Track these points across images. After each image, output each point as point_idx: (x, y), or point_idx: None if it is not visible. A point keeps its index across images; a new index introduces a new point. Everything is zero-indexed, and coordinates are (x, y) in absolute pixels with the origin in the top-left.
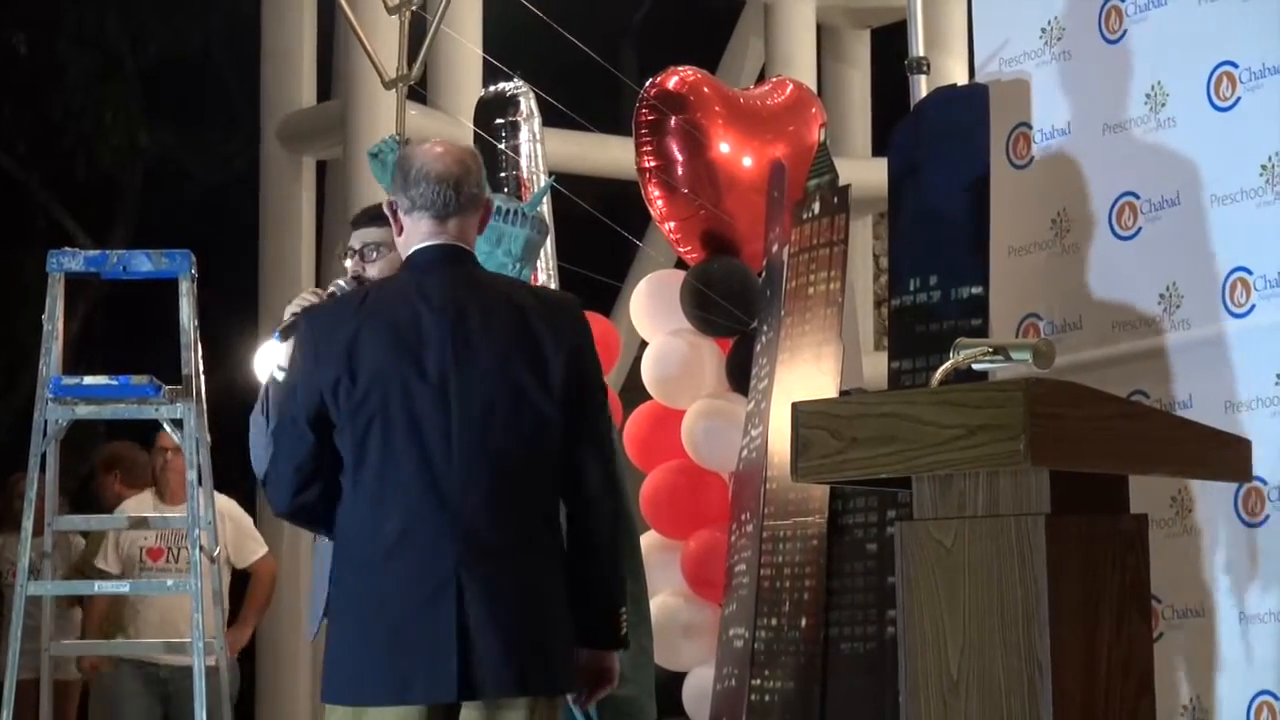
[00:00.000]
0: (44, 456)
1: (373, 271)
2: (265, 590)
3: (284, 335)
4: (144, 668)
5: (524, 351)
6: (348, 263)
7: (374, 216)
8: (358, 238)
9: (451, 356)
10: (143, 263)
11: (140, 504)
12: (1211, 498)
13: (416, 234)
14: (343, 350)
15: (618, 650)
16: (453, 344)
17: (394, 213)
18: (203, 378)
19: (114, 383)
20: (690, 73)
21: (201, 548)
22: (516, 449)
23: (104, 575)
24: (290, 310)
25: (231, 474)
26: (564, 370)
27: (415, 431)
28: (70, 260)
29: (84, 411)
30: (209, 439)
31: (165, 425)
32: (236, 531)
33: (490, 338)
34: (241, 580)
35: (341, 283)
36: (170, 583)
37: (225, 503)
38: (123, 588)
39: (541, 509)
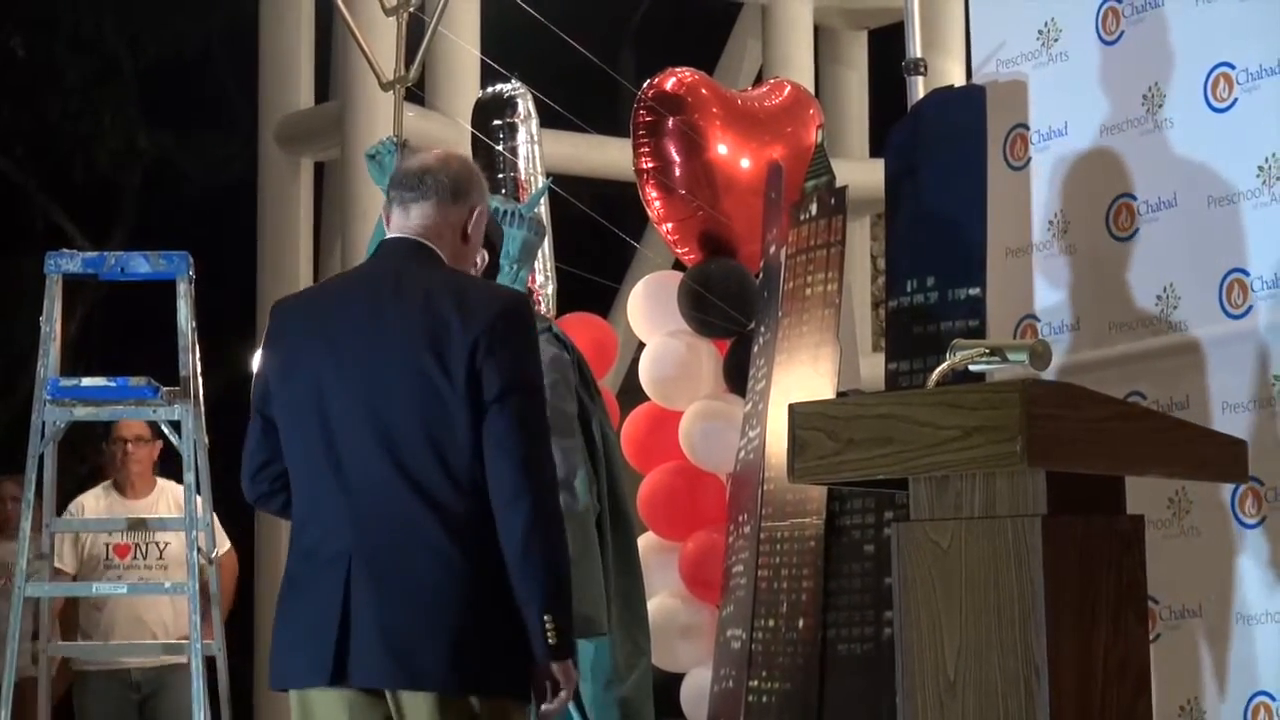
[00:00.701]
0: (42, 458)
1: None
2: (229, 584)
3: None
4: (115, 674)
5: (430, 340)
6: None
7: None
8: None
9: (364, 344)
10: (140, 264)
11: (98, 498)
12: (1209, 499)
13: (390, 227)
14: (283, 339)
15: (553, 661)
16: (367, 331)
17: (387, 214)
18: (200, 379)
19: (112, 384)
20: (688, 74)
21: (199, 549)
22: (415, 439)
23: (59, 575)
24: None
25: (230, 476)
26: (469, 362)
27: (324, 418)
28: (68, 262)
29: (82, 413)
30: (207, 441)
31: (164, 427)
32: None
33: (404, 325)
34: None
35: None
36: (167, 584)
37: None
38: (120, 589)
39: (441, 502)
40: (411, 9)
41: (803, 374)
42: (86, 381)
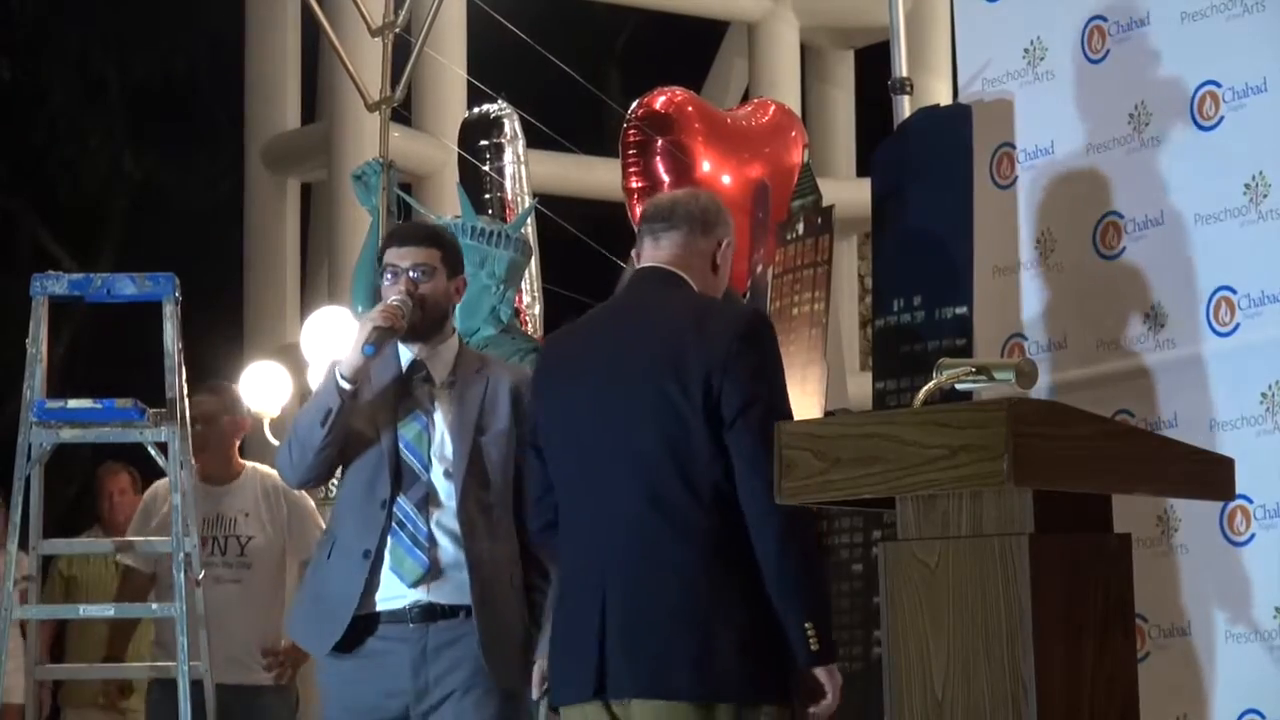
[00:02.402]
0: (28, 480)
1: (425, 289)
2: None
3: (376, 348)
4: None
5: (671, 363)
6: (397, 284)
7: (424, 237)
8: (408, 255)
9: (611, 372)
10: (126, 286)
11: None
12: (1196, 517)
13: (639, 260)
14: (546, 373)
15: (817, 666)
16: (614, 359)
17: (636, 255)
18: (187, 401)
19: (98, 406)
20: (678, 93)
21: (187, 571)
22: (662, 461)
23: (134, 574)
24: (373, 323)
25: None
26: (707, 381)
27: (579, 446)
28: (54, 284)
29: (68, 435)
30: (194, 463)
31: (150, 449)
32: (296, 516)
33: (646, 350)
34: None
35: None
36: (155, 606)
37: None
38: (107, 611)
39: (688, 522)
40: (397, 30)
41: (790, 394)
42: (73, 403)
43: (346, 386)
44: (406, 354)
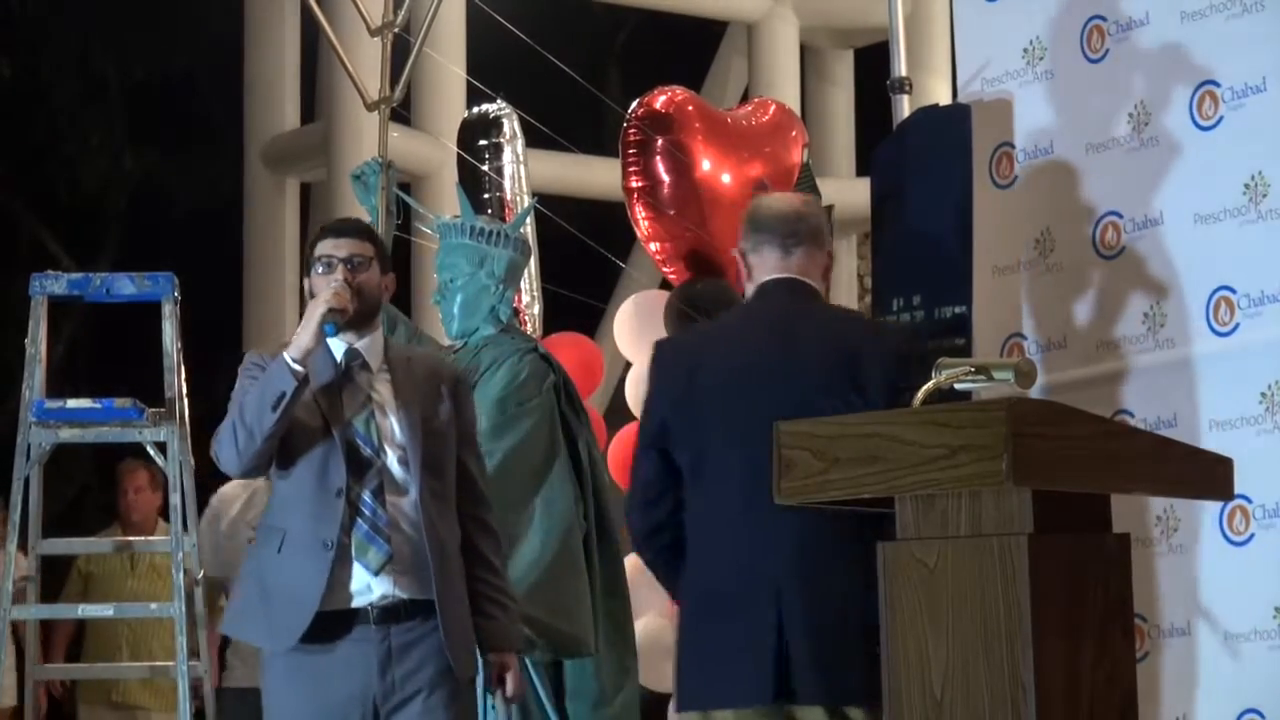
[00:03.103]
0: (27, 480)
1: (361, 279)
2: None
3: (335, 328)
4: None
5: (840, 369)
6: (332, 274)
7: (358, 230)
8: (344, 246)
9: (780, 376)
10: (125, 285)
11: (245, 485)
12: (1196, 517)
13: (764, 270)
14: (684, 374)
15: None
16: (782, 364)
17: (743, 257)
18: (186, 400)
19: (97, 406)
20: (678, 93)
21: (185, 571)
22: None
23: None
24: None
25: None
26: (883, 379)
27: (741, 448)
28: (53, 283)
29: (67, 435)
30: (193, 462)
31: (149, 448)
32: None
33: (820, 356)
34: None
35: (334, 290)
36: (153, 606)
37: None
38: (107, 611)
39: (848, 520)
40: (396, 29)
41: None
42: (72, 403)
43: (300, 369)
44: (339, 345)
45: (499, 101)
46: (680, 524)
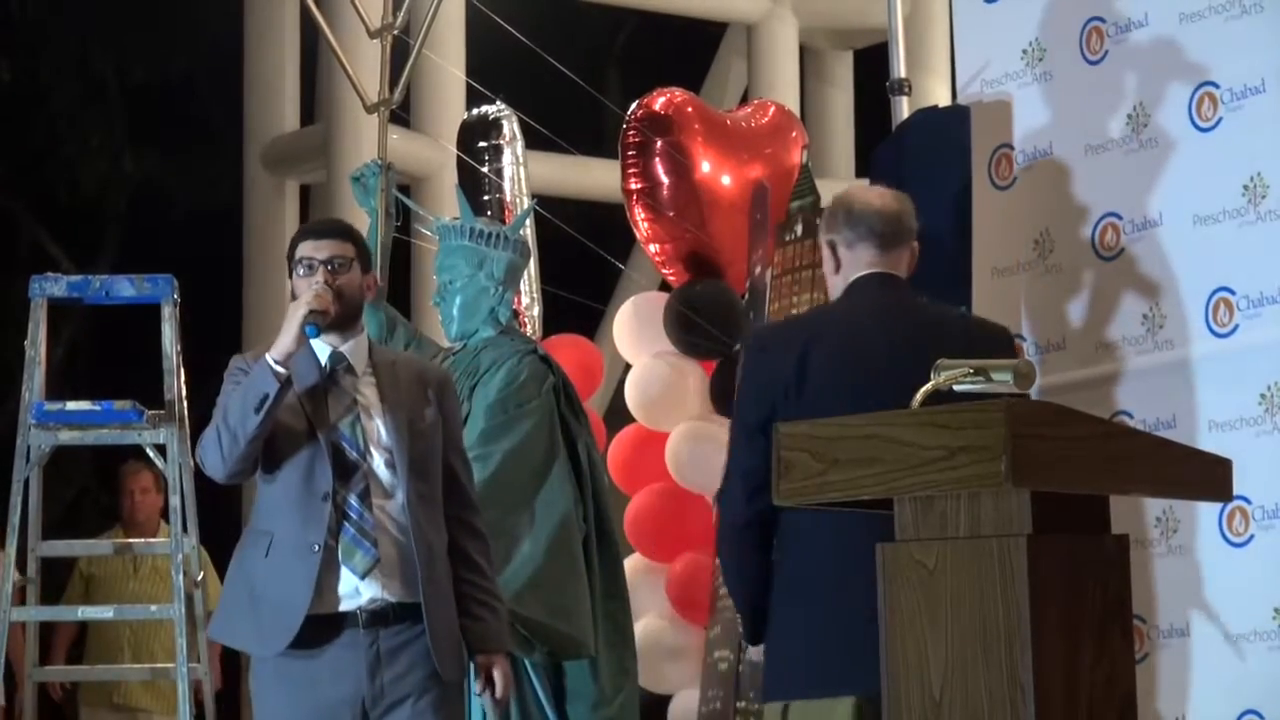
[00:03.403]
0: (27, 482)
1: (342, 281)
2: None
3: (317, 329)
4: None
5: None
6: (313, 276)
7: (338, 231)
8: (324, 248)
9: (901, 364)
10: (125, 288)
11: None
12: (1196, 518)
13: (857, 265)
14: (792, 364)
15: None
16: (901, 354)
17: (832, 249)
18: (186, 402)
19: (96, 408)
20: (678, 94)
21: (185, 573)
22: None
23: None
24: (307, 306)
25: (215, 500)
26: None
27: None
28: (52, 285)
29: (67, 437)
30: (192, 464)
31: (148, 450)
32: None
33: (916, 347)
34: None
35: (317, 291)
36: (154, 608)
37: None
38: (106, 614)
39: None
40: (396, 32)
41: None
42: (71, 405)
43: (282, 370)
44: (323, 349)
45: (498, 103)
46: (778, 517)
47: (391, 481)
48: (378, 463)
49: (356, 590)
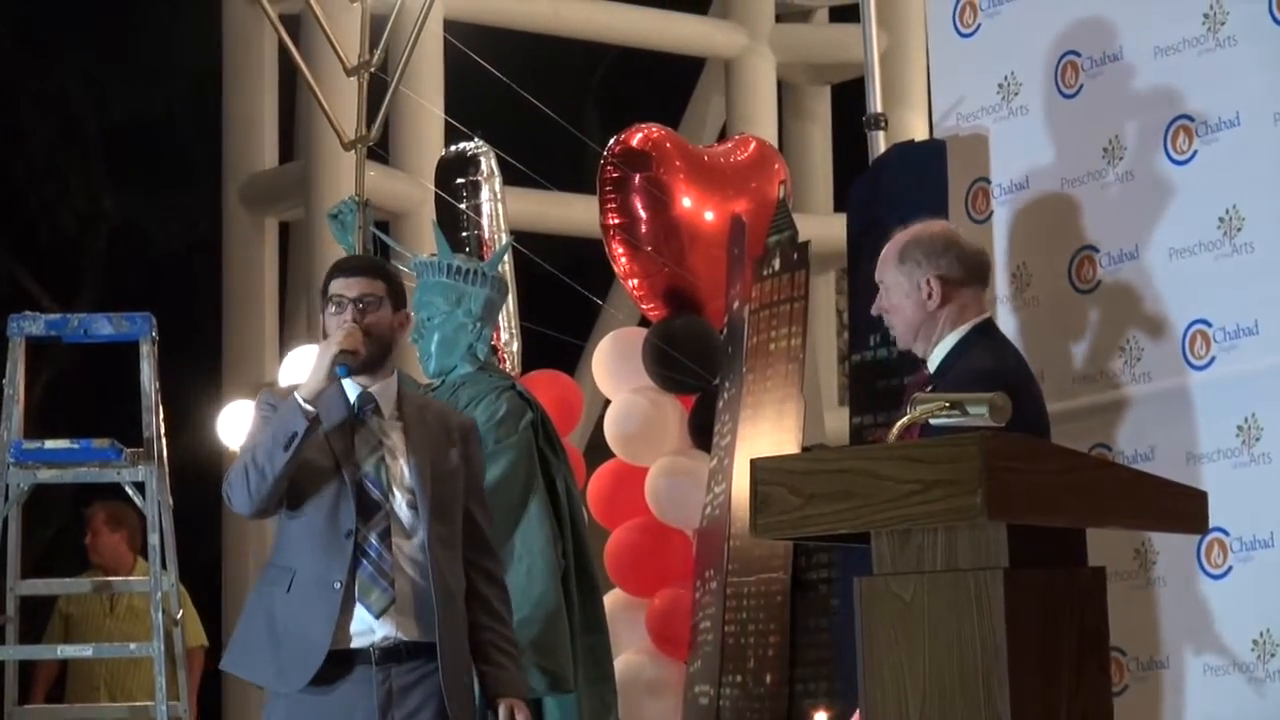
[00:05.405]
0: (5, 521)
1: (371, 320)
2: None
3: (347, 369)
4: None
5: None
6: (344, 314)
7: (368, 268)
8: (354, 286)
9: None
10: (103, 326)
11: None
12: (1174, 550)
13: (976, 305)
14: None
15: None
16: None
17: (942, 283)
18: (164, 440)
19: (75, 446)
20: (655, 130)
21: (164, 611)
22: None
23: None
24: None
25: (194, 540)
26: None
27: None
28: (30, 324)
29: (46, 475)
30: (171, 502)
31: (127, 489)
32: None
33: None
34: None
35: (344, 335)
36: (133, 646)
37: None
38: (86, 651)
39: None
40: (373, 69)
41: (767, 429)
42: (50, 444)
43: (310, 409)
44: (353, 389)
45: (476, 140)
46: None
47: (412, 522)
48: (400, 503)
49: (371, 628)
